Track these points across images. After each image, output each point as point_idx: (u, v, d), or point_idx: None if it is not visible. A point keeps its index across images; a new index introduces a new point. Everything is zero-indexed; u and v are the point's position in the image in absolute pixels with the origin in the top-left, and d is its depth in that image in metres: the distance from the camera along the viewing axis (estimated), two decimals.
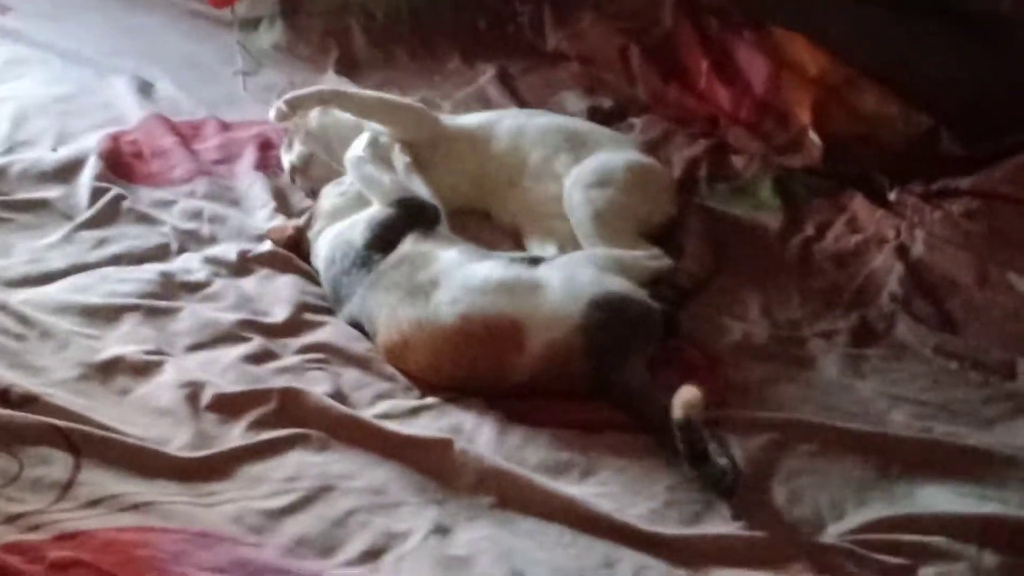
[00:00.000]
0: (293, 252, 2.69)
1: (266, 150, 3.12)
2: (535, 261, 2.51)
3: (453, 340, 2.33)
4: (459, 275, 2.42)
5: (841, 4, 3.63)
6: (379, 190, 2.65)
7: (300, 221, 2.76)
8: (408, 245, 2.52)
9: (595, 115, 3.39)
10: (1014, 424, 2.34)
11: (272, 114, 2.93)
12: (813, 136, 3.25)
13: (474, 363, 2.33)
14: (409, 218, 2.58)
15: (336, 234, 2.63)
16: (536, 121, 2.97)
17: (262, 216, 2.85)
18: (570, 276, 2.41)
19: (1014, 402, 2.41)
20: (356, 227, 2.60)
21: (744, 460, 2.17)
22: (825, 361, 2.50)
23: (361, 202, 2.70)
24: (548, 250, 2.69)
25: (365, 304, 2.47)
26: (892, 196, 3.02)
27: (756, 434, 2.24)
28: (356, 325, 2.50)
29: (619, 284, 2.41)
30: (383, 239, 2.54)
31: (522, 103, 3.41)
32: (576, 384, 2.33)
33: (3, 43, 3.59)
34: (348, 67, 3.62)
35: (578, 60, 3.72)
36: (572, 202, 2.75)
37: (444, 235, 2.58)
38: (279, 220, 2.82)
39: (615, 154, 2.86)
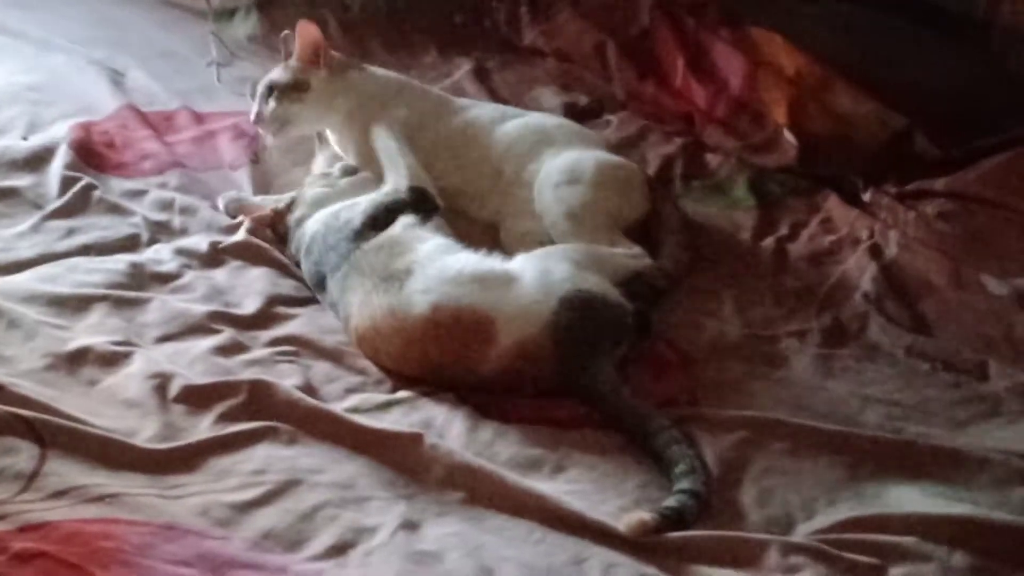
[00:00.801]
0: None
1: (240, 141, 3.09)
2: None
3: (423, 329, 2.32)
4: (433, 265, 2.41)
5: (818, 3, 3.64)
6: (397, 171, 2.68)
7: (281, 203, 2.75)
8: (397, 229, 2.53)
9: (571, 112, 3.38)
10: (985, 425, 2.33)
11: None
12: (788, 135, 3.25)
13: (444, 354, 2.32)
14: (415, 205, 2.58)
15: (330, 214, 2.63)
16: (511, 123, 2.95)
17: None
18: (544, 271, 2.40)
19: (986, 404, 2.40)
20: (357, 207, 2.61)
21: (715, 458, 2.17)
22: (798, 361, 2.50)
23: (346, 194, 2.71)
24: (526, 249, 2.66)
25: (344, 284, 2.46)
26: (866, 197, 3.02)
27: (728, 432, 2.23)
28: (334, 307, 2.49)
29: (592, 282, 2.40)
30: (383, 220, 2.55)
31: (497, 98, 3.39)
32: (545, 381, 2.32)
33: None
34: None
35: (554, 56, 3.70)
36: (544, 202, 2.74)
37: (433, 226, 2.58)
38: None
39: (584, 151, 2.85)
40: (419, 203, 2.60)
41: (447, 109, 2.96)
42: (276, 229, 2.70)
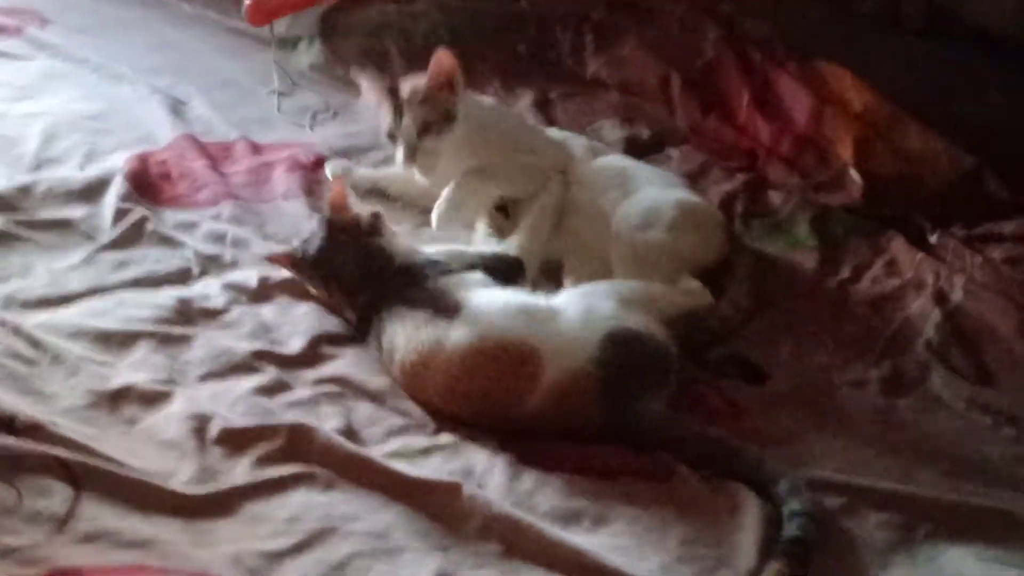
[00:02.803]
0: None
1: (295, 172, 3.08)
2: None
3: (469, 361, 2.30)
4: (481, 299, 2.39)
5: (887, 38, 3.59)
6: (524, 237, 2.70)
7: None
8: (468, 275, 2.51)
9: (633, 145, 3.34)
10: None
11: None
12: (854, 174, 3.19)
13: (489, 386, 2.29)
14: (505, 274, 2.55)
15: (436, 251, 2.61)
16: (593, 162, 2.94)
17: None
18: (589, 307, 2.38)
19: None
20: (464, 255, 2.60)
21: (763, 516, 2.10)
22: (854, 412, 2.43)
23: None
24: None
25: (396, 310, 2.43)
26: (933, 239, 2.94)
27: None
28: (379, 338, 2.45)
29: (637, 320, 2.37)
30: (466, 268, 2.53)
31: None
32: (589, 420, 2.28)
33: (40, 57, 3.58)
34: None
35: (618, 88, 3.66)
36: (617, 241, 2.71)
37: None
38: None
39: (664, 192, 2.81)
40: (509, 274, 2.57)
41: (577, 162, 2.94)
42: (295, 257, 2.63)
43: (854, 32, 3.70)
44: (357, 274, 2.51)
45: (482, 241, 2.77)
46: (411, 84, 2.81)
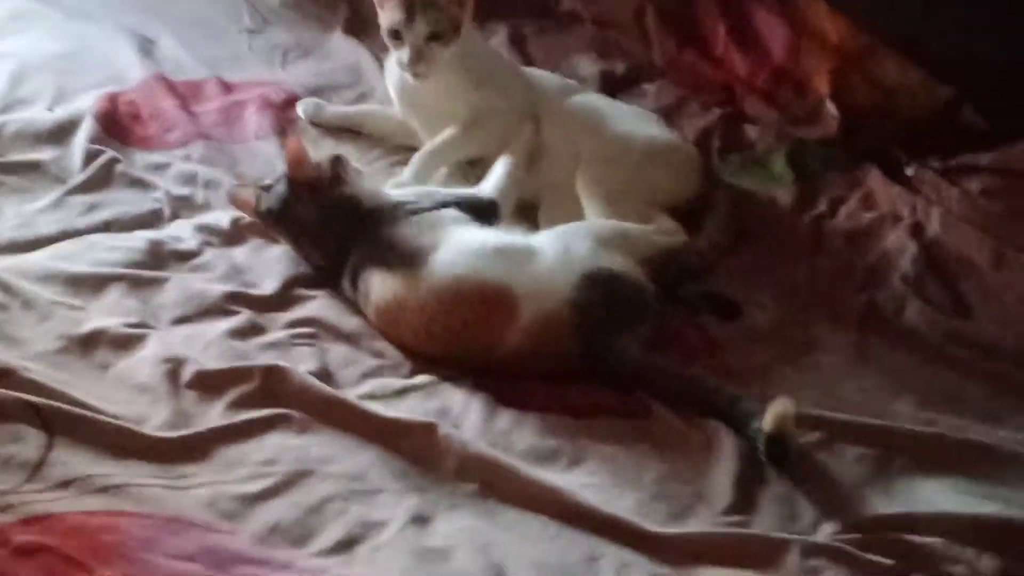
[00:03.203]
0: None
1: (267, 111, 3.04)
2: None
3: (446, 301, 2.29)
4: (458, 238, 2.38)
5: None
6: (497, 180, 2.64)
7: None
8: (443, 213, 2.49)
9: (608, 80, 3.32)
10: (1022, 418, 2.25)
11: None
12: (831, 107, 3.17)
13: (466, 327, 2.28)
14: (480, 214, 2.52)
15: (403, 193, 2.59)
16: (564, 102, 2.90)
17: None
18: (566, 247, 2.37)
19: None
20: (434, 194, 2.57)
21: (737, 452, 2.10)
22: (830, 346, 2.42)
23: None
24: None
25: (369, 253, 2.41)
26: (910, 172, 2.93)
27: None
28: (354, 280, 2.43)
29: (614, 260, 2.36)
30: (444, 206, 2.51)
31: (533, 65, 3.31)
32: (567, 360, 2.27)
33: None
34: (357, 27, 3.52)
35: (592, 22, 3.62)
36: (584, 179, 2.70)
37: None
38: None
39: (635, 130, 2.80)
40: (485, 215, 2.53)
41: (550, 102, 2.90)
42: (258, 206, 2.58)
43: None
44: (324, 223, 2.49)
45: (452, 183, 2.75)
46: None
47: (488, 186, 2.63)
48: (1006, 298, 2.57)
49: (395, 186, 2.70)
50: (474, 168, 2.82)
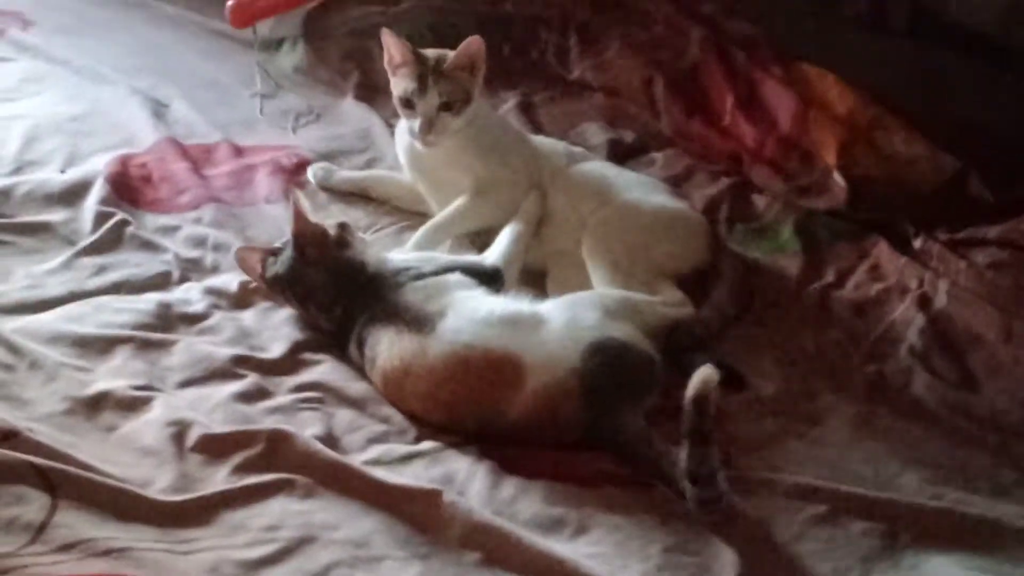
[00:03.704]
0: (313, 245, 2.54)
1: (278, 176, 3.06)
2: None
3: (453, 368, 2.28)
4: (466, 306, 2.38)
5: (872, 40, 3.57)
6: (503, 248, 2.66)
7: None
8: (447, 277, 2.50)
9: (616, 148, 3.33)
10: None
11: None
12: (838, 177, 3.17)
13: (472, 395, 2.28)
14: (484, 280, 2.53)
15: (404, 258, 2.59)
16: (575, 168, 2.91)
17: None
18: (573, 317, 2.37)
19: None
20: (435, 259, 2.58)
21: (745, 522, 2.09)
22: (836, 418, 2.41)
23: None
24: None
25: (375, 318, 2.41)
26: (917, 243, 2.92)
27: (759, 495, 2.17)
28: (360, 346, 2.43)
29: (621, 330, 2.35)
30: (447, 271, 2.51)
31: (542, 133, 3.33)
32: (572, 429, 2.26)
33: (22, 58, 3.58)
34: (368, 91, 3.56)
35: (602, 90, 3.65)
36: (589, 246, 2.70)
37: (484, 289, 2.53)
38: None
39: (641, 199, 2.80)
40: (489, 281, 2.54)
41: (556, 171, 2.90)
42: (264, 270, 2.59)
43: (839, 34, 3.68)
44: (330, 287, 2.49)
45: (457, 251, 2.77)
46: (436, 55, 2.77)
47: (493, 254, 2.64)
48: (1014, 372, 2.55)
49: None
50: (480, 234, 2.82)
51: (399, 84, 2.77)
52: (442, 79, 2.72)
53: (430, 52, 2.77)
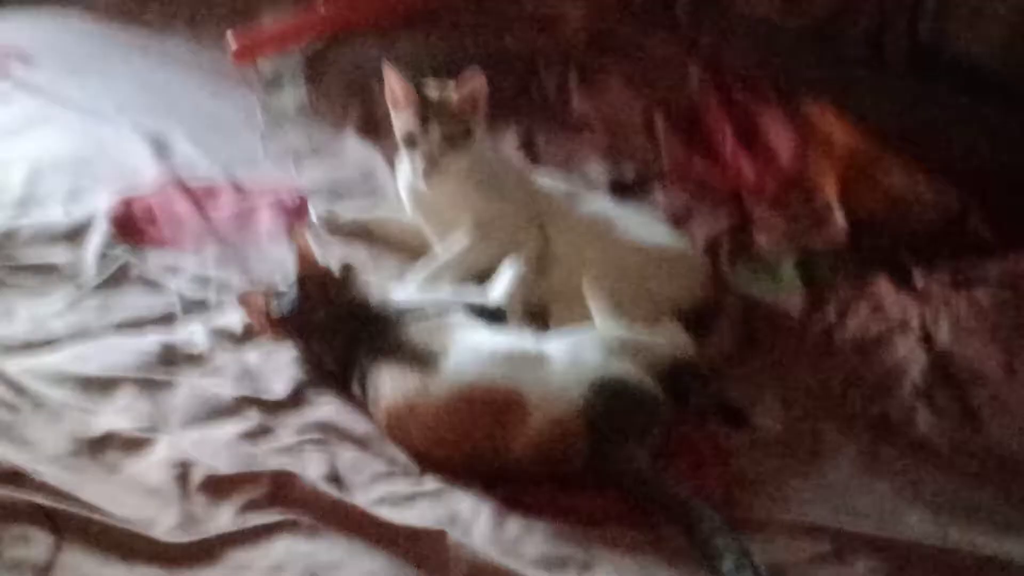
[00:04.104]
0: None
1: (280, 215, 3.07)
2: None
3: (456, 407, 2.29)
4: (469, 344, 2.39)
5: (872, 76, 3.59)
6: (505, 287, 2.66)
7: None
8: (451, 316, 2.50)
9: (617, 186, 3.34)
10: None
11: None
12: (839, 214, 3.18)
13: (475, 433, 2.28)
14: (487, 318, 2.54)
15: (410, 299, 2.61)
16: (572, 209, 2.91)
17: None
18: (576, 355, 2.38)
19: None
20: (442, 300, 2.59)
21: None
22: (840, 456, 2.40)
23: None
24: None
25: (378, 357, 2.42)
26: (918, 281, 2.92)
27: (763, 534, 2.16)
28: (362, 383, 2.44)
29: (624, 368, 2.36)
30: (444, 312, 2.52)
31: (543, 169, 3.33)
32: (575, 467, 2.26)
33: (24, 98, 3.60)
34: (369, 128, 3.57)
35: (602, 127, 3.66)
36: (590, 285, 2.71)
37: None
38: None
39: (640, 236, 2.81)
40: (491, 319, 2.55)
41: (557, 208, 2.91)
42: (269, 311, 2.58)
43: (838, 71, 3.70)
44: (334, 327, 2.50)
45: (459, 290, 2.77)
46: (437, 91, 2.79)
47: (495, 292, 2.64)
48: (1018, 409, 2.54)
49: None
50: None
51: (401, 120, 2.78)
52: (444, 115, 2.73)
53: (432, 88, 2.78)
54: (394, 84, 2.77)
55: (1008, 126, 3.40)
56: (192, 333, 2.60)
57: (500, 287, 2.66)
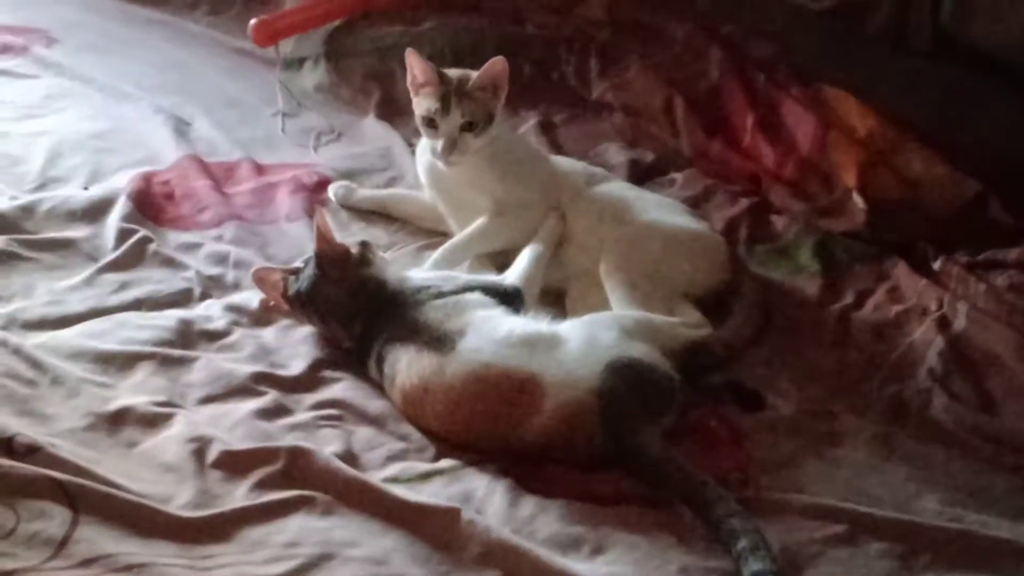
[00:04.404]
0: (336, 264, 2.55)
1: (299, 194, 3.08)
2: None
3: (472, 387, 2.29)
4: (486, 326, 2.39)
5: (892, 61, 3.57)
6: (521, 268, 2.68)
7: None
8: (467, 296, 2.50)
9: (636, 169, 3.34)
10: None
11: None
12: (857, 199, 3.17)
13: (490, 414, 2.29)
14: (504, 299, 2.54)
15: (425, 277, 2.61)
16: (593, 190, 2.92)
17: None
18: (591, 336, 2.38)
19: None
20: (455, 279, 2.59)
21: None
22: (855, 439, 2.40)
23: None
24: None
25: (395, 336, 2.42)
26: (936, 265, 2.92)
27: (777, 516, 2.16)
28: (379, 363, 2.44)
29: (639, 350, 2.36)
30: (467, 290, 2.52)
31: (562, 153, 3.34)
32: (590, 448, 2.26)
33: (46, 76, 3.62)
34: (389, 110, 3.58)
35: (622, 110, 3.67)
36: (607, 266, 2.71)
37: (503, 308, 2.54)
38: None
39: (658, 220, 2.81)
40: (509, 301, 2.55)
41: (576, 191, 2.91)
42: (286, 289, 2.60)
43: (859, 55, 3.67)
44: (351, 305, 2.51)
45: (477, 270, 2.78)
46: (459, 75, 2.79)
47: (514, 273, 2.65)
48: None
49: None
50: (499, 254, 2.84)
51: (422, 104, 2.78)
52: (465, 99, 2.73)
53: (453, 72, 2.79)
54: (416, 67, 2.78)
55: None
56: (209, 309, 2.61)
57: (518, 268, 2.66)
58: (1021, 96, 3.39)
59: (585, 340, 2.36)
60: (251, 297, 2.66)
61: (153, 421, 2.25)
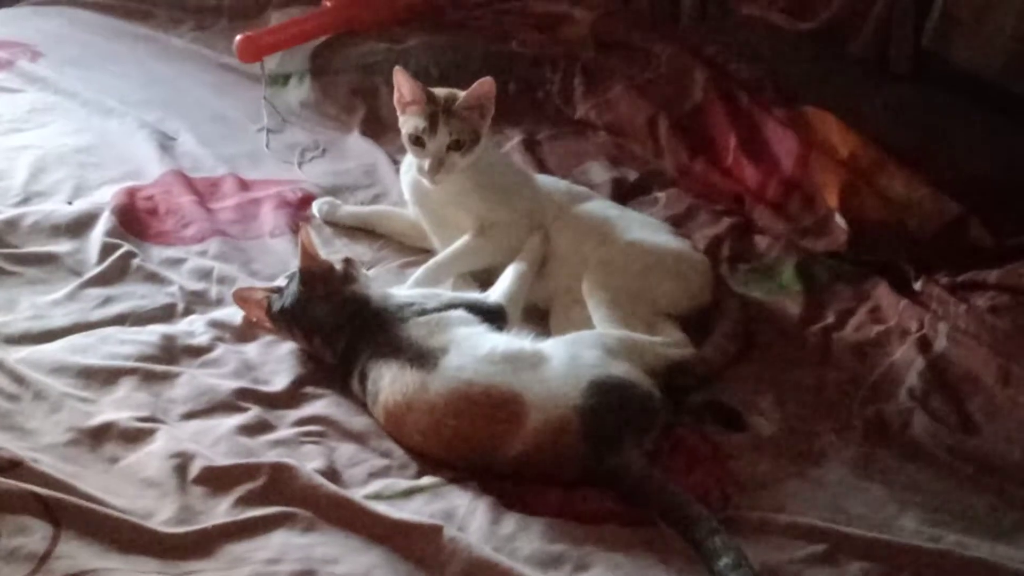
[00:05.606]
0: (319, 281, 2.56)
1: (283, 210, 3.08)
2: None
3: (454, 404, 2.29)
4: (469, 343, 2.39)
5: (874, 83, 3.59)
6: (505, 286, 2.68)
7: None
8: (450, 313, 2.50)
9: (620, 187, 3.35)
10: None
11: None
12: (839, 220, 3.18)
13: (473, 431, 2.29)
14: (488, 316, 2.54)
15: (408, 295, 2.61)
16: (576, 208, 2.93)
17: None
18: (574, 355, 2.39)
19: None
20: (438, 296, 2.58)
21: None
22: (836, 458, 2.41)
23: None
24: None
25: (378, 353, 2.42)
26: (917, 286, 2.94)
27: (758, 535, 2.17)
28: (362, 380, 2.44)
29: (622, 368, 2.37)
30: (450, 307, 2.52)
31: (545, 171, 3.35)
32: (572, 466, 2.27)
33: (31, 90, 3.61)
34: (374, 127, 3.59)
35: (606, 129, 3.68)
36: (589, 284, 2.72)
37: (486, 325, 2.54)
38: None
39: (641, 239, 2.82)
40: (492, 318, 2.55)
41: (559, 210, 2.92)
42: (269, 307, 2.60)
43: (842, 77, 3.70)
44: (334, 322, 2.51)
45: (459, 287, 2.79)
46: (446, 94, 2.80)
47: (497, 291, 2.66)
48: (1012, 414, 2.55)
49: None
50: (483, 272, 2.85)
51: (409, 122, 2.79)
52: (452, 119, 2.74)
53: (441, 91, 2.80)
54: (403, 85, 2.79)
55: (1009, 136, 3.40)
56: (192, 325, 2.61)
57: (502, 286, 2.67)
58: (1002, 118, 3.42)
59: (568, 358, 2.37)
60: (234, 313, 2.66)
61: (135, 436, 2.25)
